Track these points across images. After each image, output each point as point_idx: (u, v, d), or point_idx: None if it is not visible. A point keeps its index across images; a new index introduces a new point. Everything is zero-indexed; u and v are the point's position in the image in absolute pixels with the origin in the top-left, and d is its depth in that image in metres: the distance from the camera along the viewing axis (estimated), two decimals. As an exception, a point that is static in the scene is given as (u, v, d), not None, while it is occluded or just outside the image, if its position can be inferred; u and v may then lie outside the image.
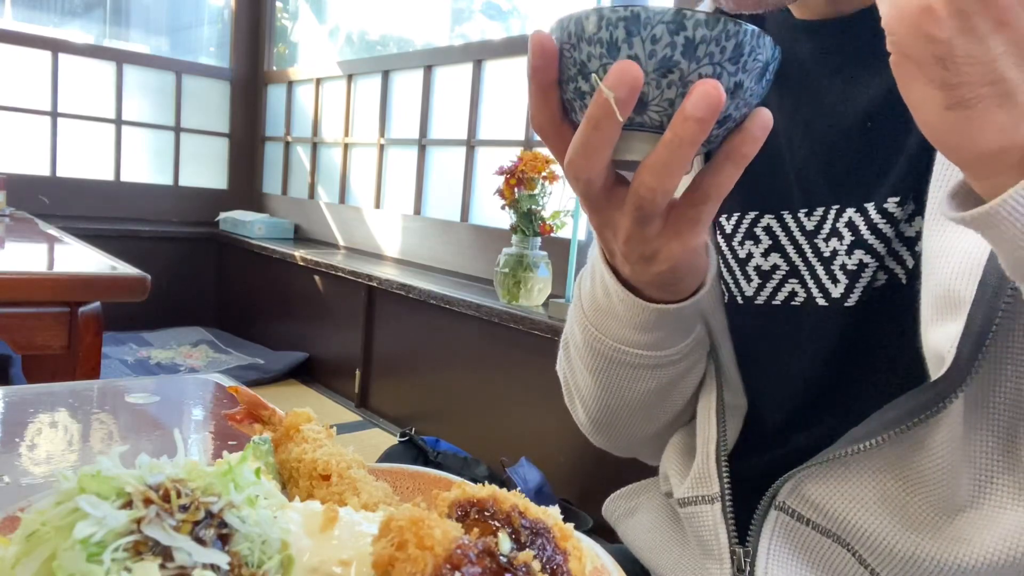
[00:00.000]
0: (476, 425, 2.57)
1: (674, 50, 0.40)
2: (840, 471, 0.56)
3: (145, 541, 0.31)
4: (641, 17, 0.40)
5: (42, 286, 1.43)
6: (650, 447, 0.74)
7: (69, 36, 3.98)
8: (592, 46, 0.41)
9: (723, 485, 0.62)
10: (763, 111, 0.44)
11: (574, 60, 0.43)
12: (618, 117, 0.41)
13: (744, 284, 0.64)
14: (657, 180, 0.43)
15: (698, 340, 0.63)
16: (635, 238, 0.49)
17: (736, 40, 0.40)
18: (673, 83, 0.41)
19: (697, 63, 0.40)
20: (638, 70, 0.40)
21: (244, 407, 0.57)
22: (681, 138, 0.41)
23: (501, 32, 3.09)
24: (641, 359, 0.60)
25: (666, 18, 0.39)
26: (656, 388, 0.63)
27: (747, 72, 0.41)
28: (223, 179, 4.50)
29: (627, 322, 0.58)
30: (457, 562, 0.32)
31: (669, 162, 0.42)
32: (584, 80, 0.43)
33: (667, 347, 0.60)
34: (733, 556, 0.61)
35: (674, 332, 0.59)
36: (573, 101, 0.45)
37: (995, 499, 0.50)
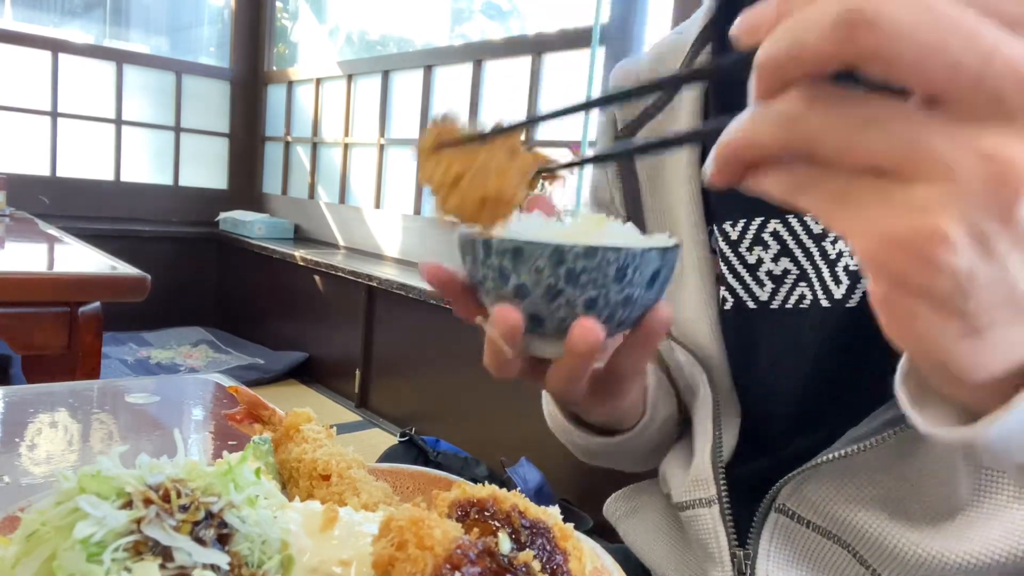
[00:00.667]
0: (476, 425, 2.57)
1: (558, 280, 0.42)
2: (840, 472, 0.55)
3: (145, 541, 0.31)
4: (524, 252, 0.42)
5: (42, 286, 1.43)
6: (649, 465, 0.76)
7: (69, 36, 3.98)
8: (486, 269, 0.44)
9: (720, 488, 0.62)
10: (659, 311, 0.47)
11: (475, 277, 0.46)
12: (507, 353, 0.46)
13: (757, 289, 0.64)
14: (563, 384, 0.48)
15: (662, 425, 0.67)
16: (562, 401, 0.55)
17: (617, 265, 0.42)
18: (561, 306, 0.43)
19: (582, 289, 0.43)
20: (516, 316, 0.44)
21: (244, 407, 0.57)
22: (570, 365, 0.45)
23: (501, 32, 3.09)
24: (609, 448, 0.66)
25: (547, 252, 0.42)
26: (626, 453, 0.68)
27: (634, 286, 0.44)
28: (223, 179, 4.50)
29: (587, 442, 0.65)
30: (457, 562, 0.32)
31: (568, 375, 0.47)
32: (484, 294, 0.46)
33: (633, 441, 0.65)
34: (733, 559, 0.61)
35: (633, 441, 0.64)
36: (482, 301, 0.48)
37: (996, 497, 0.50)
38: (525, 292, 0.43)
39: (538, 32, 2.73)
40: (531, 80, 2.72)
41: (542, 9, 2.98)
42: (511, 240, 0.42)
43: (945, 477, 0.51)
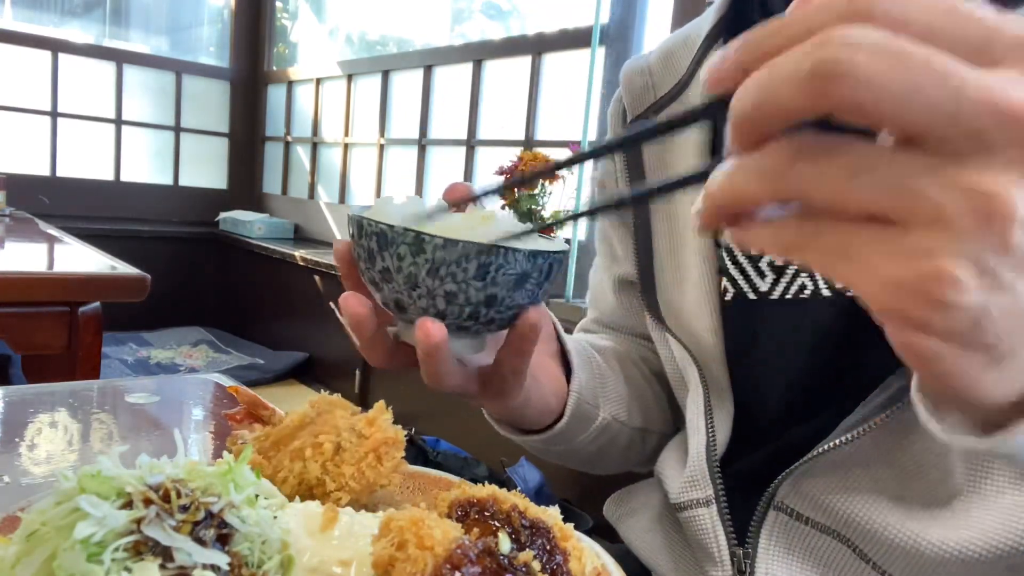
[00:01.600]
0: (476, 425, 2.56)
1: (418, 269, 0.42)
2: (836, 464, 0.56)
3: (145, 541, 0.31)
4: (387, 236, 0.42)
5: (42, 286, 1.43)
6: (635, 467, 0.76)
7: (69, 36, 3.98)
8: (359, 248, 0.45)
9: (717, 487, 0.62)
10: (530, 313, 0.47)
11: (355, 256, 0.47)
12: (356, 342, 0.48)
13: (758, 280, 0.64)
14: (430, 379, 0.48)
15: (602, 428, 0.67)
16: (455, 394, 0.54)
17: (478, 261, 0.42)
18: (422, 295, 0.43)
19: (440, 281, 0.43)
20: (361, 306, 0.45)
21: (244, 407, 0.57)
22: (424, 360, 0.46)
23: (501, 32, 3.09)
24: (550, 452, 0.66)
25: (408, 239, 0.42)
26: (583, 457, 0.69)
27: (497, 285, 0.44)
28: (223, 179, 4.50)
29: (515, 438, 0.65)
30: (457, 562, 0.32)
31: (428, 371, 0.47)
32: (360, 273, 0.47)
33: (563, 444, 0.65)
34: (733, 558, 0.61)
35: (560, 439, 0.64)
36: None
37: (992, 482, 0.50)
38: (388, 277, 0.44)
39: (538, 32, 2.73)
40: (531, 80, 2.72)
41: (542, 9, 2.98)
42: (378, 223, 0.43)
43: (939, 462, 0.51)
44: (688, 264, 0.67)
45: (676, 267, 0.68)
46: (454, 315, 0.45)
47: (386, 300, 0.46)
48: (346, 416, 0.48)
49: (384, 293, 0.45)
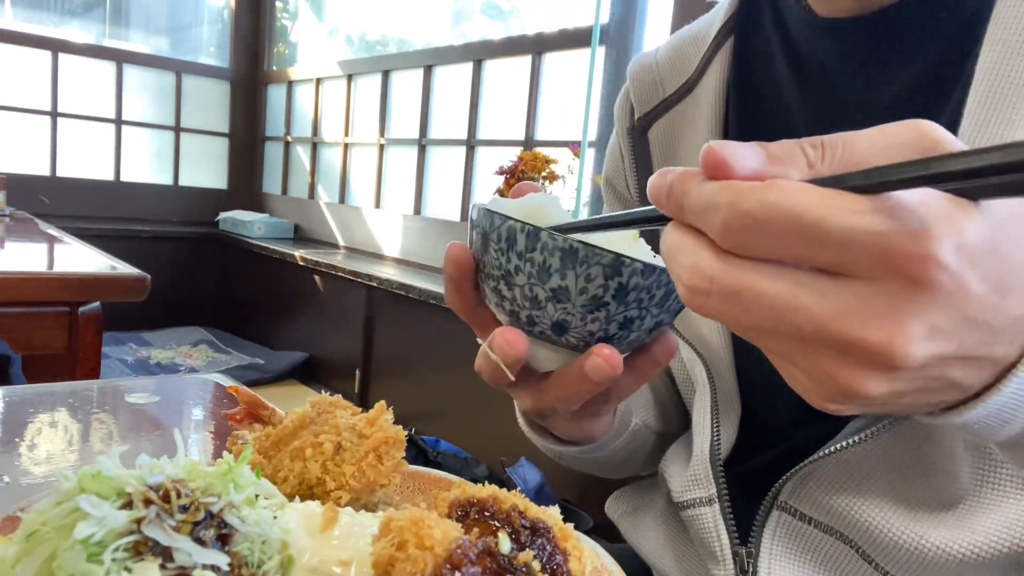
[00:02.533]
0: (476, 425, 2.57)
1: (606, 292, 0.40)
2: (841, 466, 0.56)
3: (145, 541, 0.31)
4: (580, 254, 0.39)
5: (42, 286, 1.43)
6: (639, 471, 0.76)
7: (69, 36, 3.98)
8: (522, 261, 0.41)
9: (719, 486, 0.62)
10: (669, 339, 0.46)
11: (500, 264, 0.42)
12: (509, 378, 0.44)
13: None
14: (559, 404, 0.47)
15: (634, 433, 0.67)
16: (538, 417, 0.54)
17: (667, 289, 0.41)
18: (598, 319, 0.41)
19: (626, 307, 0.41)
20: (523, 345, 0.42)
21: (244, 407, 0.57)
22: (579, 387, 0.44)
23: (501, 32, 3.09)
24: (579, 459, 0.65)
25: (604, 260, 0.39)
26: (605, 464, 0.68)
27: (668, 312, 0.42)
28: (223, 179, 4.50)
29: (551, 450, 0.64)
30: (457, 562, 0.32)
31: (568, 397, 0.46)
32: (507, 287, 0.42)
33: (596, 452, 0.64)
34: (736, 558, 0.60)
35: (597, 449, 0.63)
36: (491, 295, 0.45)
37: (998, 487, 0.50)
38: (564, 297, 0.40)
39: (538, 32, 2.73)
40: (531, 80, 2.72)
41: (542, 9, 2.98)
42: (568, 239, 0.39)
43: (945, 466, 0.51)
44: None
45: None
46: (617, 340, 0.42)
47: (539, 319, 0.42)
48: (346, 416, 0.48)
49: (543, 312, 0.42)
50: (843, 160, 0.30)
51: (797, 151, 0.30)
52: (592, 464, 0.68)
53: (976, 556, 0.50)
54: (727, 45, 0.66)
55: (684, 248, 0.31)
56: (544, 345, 0.44)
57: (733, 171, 0.30)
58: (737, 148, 0.30)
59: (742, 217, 0.29)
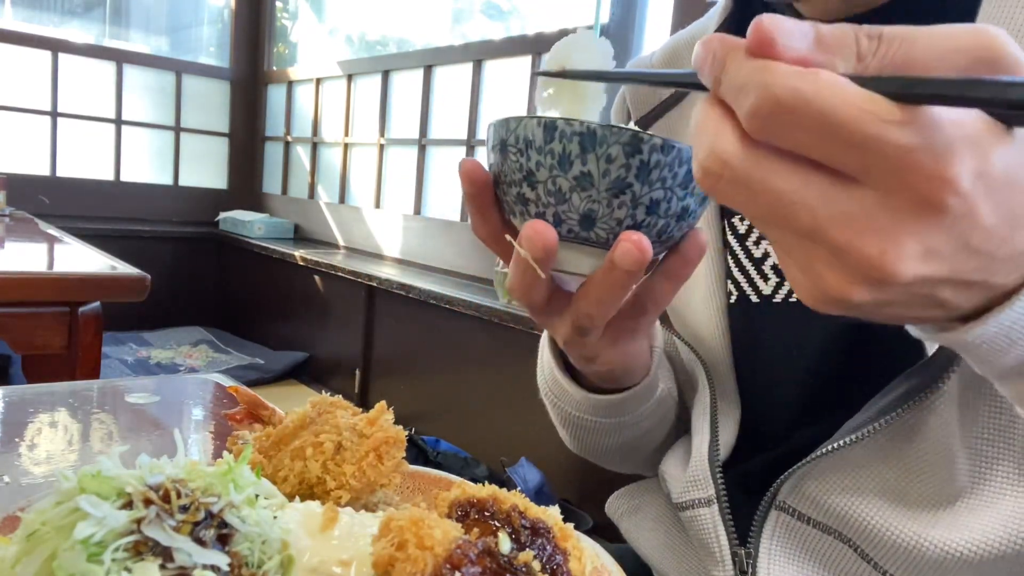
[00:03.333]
0: (476, 425, 2.57)
1: (628, 172, 0.39)
2: (839, 465, 0.56)
3: (145, 541, 0.31)
4: (598, 135, 0.39)
5: (42, 286, 1.43)
6: (644, 468, 0.76)
7: (69, 36, 3.98)
8: (542, 156, 0.40)
9: (718, 487, 0.62)
10: (700, 235, 0.45)
11: (520, 166, 0.42)
12: (539, 274, 0.43)
13: (761, 283, 0.64)
14: (594, 309, 0.46)
15: (659, 401, 0.65)
16: (574, 344, 0.52)
17: (688, 167, 0.40)
18: (624, 204, 0.40)
19: (650, 186, 0.40)
20: (551, 234, 0.41)
21: (244, 407, 0.57)
22: (611, 282, 0.43)
23: (501, 32, 3.09)
24: (600, 426, 0.64)
25: (623, 139, 0.38)
26: (626, 441, 0.67)
27: (694, 196, 0.41)
28: (223, 179, 4.49)
29: (576, 402, 0.62)
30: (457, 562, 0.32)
31: (603, 298, 0.44)
32: (530, 188, 0.42)
33: (624, 415, 0.63)
34: (735, 558, 0.60)
35: (626, 408, 0.62)
36: (515, 205, 0.44)
37: (994, 484, 0.50)
38: (588, 183, 0.40)
39: (538, 32, 2.73)
40: (531, 80, 2.72)
41: (542, 9, 2.98)
42: (584, 122, 0.39)
43: (942, 464, 0.51)
44: None
45: None
46: (647, 228, 0.41)
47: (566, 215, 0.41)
48: (347, 416, 0.48)
49: (569, 204, 0.41)
50: (897, 57, 0.29)
51: (850, 40, 0.29)
52: (614, 434, 0.65)
53: (974, 554, 0.50)
54: None
55: (709, 126, 0.31)
56: (574, 247, 0.43)
57: (777, 51, 0.29)
58: (788, 27, 0.29)
59: (772, 104, 0.28)
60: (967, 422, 0.50)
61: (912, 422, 0.52)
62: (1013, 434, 0.50)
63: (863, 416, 0.53)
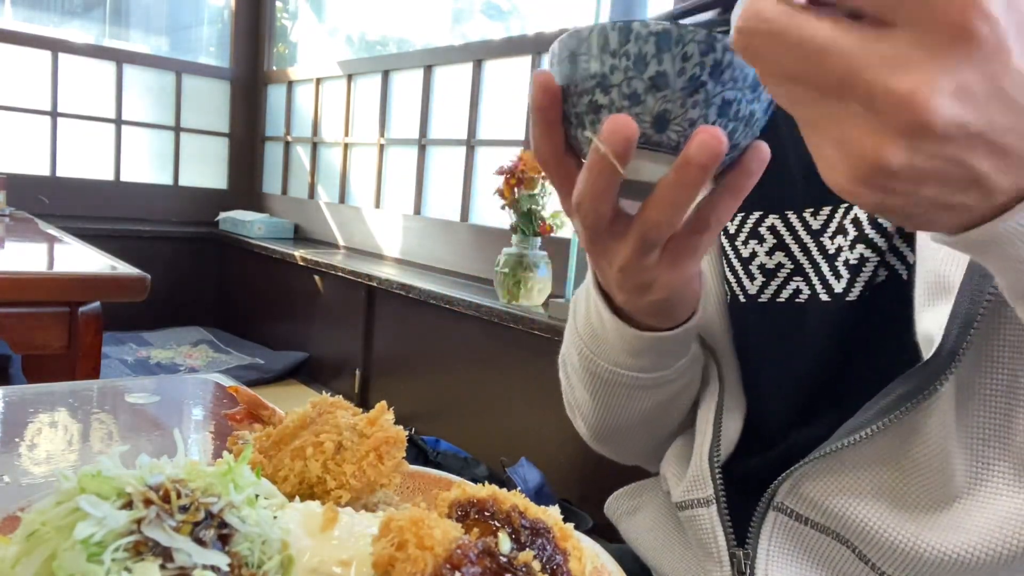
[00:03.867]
0: (476, 425, 2.57)
1: (703, 70, 0.40)
2: (836, 466, 0.56)
3: (145, 541, 0.31)
4: (673, 34, 0.40)
5: (42, 286, 1.43)
6: (651, 456, 0.75)
7: (69, 36, 3.98)
8: (617, 59, 0.41)
9: (717, 487, 0.62)
10: (762, 145, 0.44)
11: (593, 73, 0.42)
12: (619, 171, 0.42)
13: (747, 282, 0.64)
14: (663, 215, 0.44)
15: (694, 358, 0.63)
16: (632, 267, 0.49)
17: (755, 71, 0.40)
18: (698, 103, 0.41)
19: (723, 86, 0.40)
20: (633, 126, 0.40)
21: (244, 407, 0.57)
22: (684, 181, 0.41)
23: (501, 32, 3.09)
24: (637, 381, 0.61)
25: (698, 37, 0.39)
26: (653, 406, 0.64)
27: (760, 102, 0.42)
28: (223, 179, 4.50)
29: (621, 348, 0.59)
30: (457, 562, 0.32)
31: (675, 200, 0.43)
32: (603, 93, 0.42)
33: (662, 368, 0.61)
34: (733, 559, 0.61)
35: (669, 355, 0.60)
36: (585, 116, 0.44)
37: (991, 485, 0.50)
38: (663, 83, 0.40)
39: (538, 32, 2.73)
40: (531, 80, 2.72)
41: (542, 9, 2.98)
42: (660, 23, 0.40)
43: (940, 465, 0.51)
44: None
45: None
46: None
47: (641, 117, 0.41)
48: (347, 416, 0.48)
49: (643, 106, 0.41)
50: None
51: None
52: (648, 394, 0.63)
53: (971, 555, 0.50)
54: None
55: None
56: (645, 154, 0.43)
57: None
58: None
59: None
60: (964, 424, 0.50)
61: (910, 424, 0.52)
62: (1010, 436, 0.50)
63: (861, 418, 0.53)
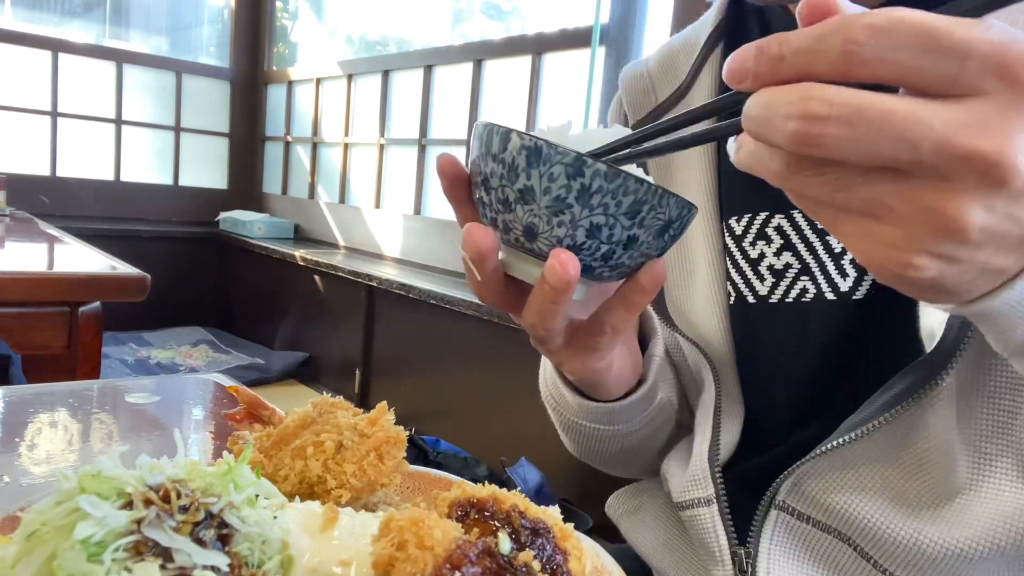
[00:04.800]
0: (476, 425, 2.57)
1: (568, 192, 0.39)
2: (838, 463, 0.56)
3: (145, 541, 0.31)
4: (543, 152, 0.39)
5: (42, 286, 1.43)
6: (645, 473, 0.76)
7: (69, 36, 3.98)
8: (496, 164, 0.42)
9: (718, 486, 0.62)
10: (656, 265, 0.45)
11: (479, 170, 0.43)
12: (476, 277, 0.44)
13: (757, 284, 0.64)
14: (535, 319, 0.46)
15: (660, 407, 0.65)
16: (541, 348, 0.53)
17: (635, 197, 0.40)
18: (563, 223, 0.40)
19: (590, 210, 0.40)
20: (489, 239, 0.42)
21: (244, 407, 0.57)
22: (544, 297, 0.44)
23: (501, 32, 3.09)
24: (599, 432, 0.64)
25: (566, 160, 0.39)
26: (623, 448, 0.67)
27: (644, 228, 0.41)
28: (223, 179, 4.50)
29: (577, 411, 0.63)
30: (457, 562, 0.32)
31: (541, 309, 0.45)
32: (485, 192, 0.43)
33: (624, 422, 0.63)
34: (735, 558, 0.61)
35: (623, 413, 0.62)
36: (476, 206, 0.46)
37: (993, 481, 0.50)
38: (530, 197, 0.40)
39: (538, 32, 2.73)
40: (531, 80, 2.72)
41: (542, 9, 2.98)
42: (533, 137, 0.40)
43: (941, 461, 0.52)
44: (696, 263, 0.67)
45: (683, 265, 0.68)
46: (588, 251, 0.42)
47: (512, 224, 0.43)
48: (348, 416, 0.48)
49: (514, 215, 0.42)
50: None
51: None
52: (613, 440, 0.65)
53: (973, 551, 0.50)
54: (717, 52, 0.67)
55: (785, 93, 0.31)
56: (521, 256, 0.45)
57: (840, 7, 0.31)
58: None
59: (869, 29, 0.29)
60: (966, 420, 0.51)
61: (911, 419, 0.52)
62: (1012, 431, 0.50)
63: (862, 414, 0.53)
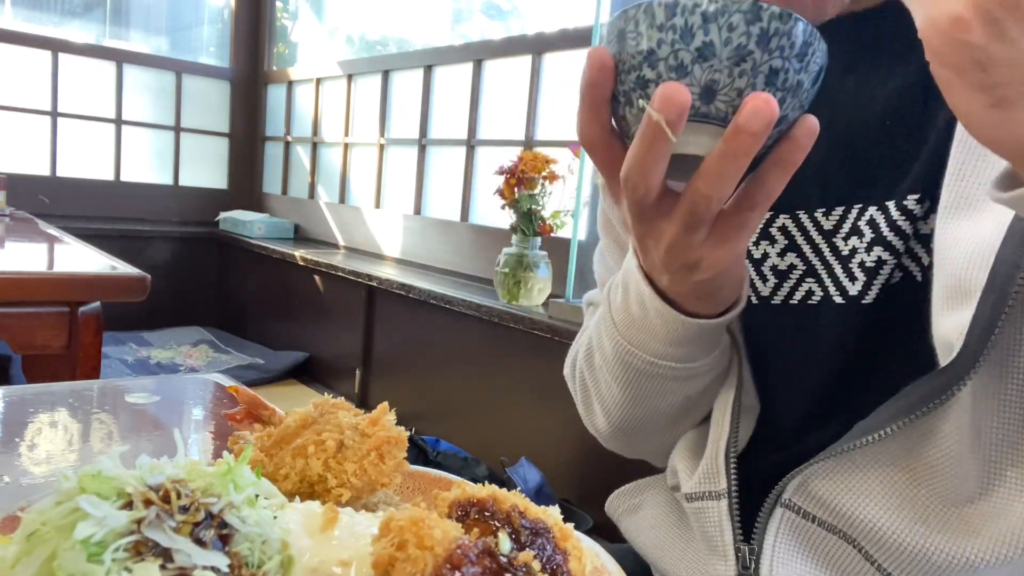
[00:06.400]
0: (476, 425, 2.57)
1: (749, 39, 0.41)
2: (847, 466, 0.55)
3: (145, 541, 0.31)
4: (719, 4, 0.41)
5: (42, 286, 1.43)
6: (664, 453, 0.75)
7: (69, 36, 3.98)
8: (664, 33, 0.42)
9: (731, 482, 0.62)
10: (811, 118, 0.44)
11: (640, 49, 0.43)
12: (670, 138, 0.41)
13: (760, 284, 0.64)
14: (712, 188, 0.43)
15: (723, 350, 0.63)
16: (680, 245, 0.48)
17: (804, 38, 0.41)
18: (744, 72, 0.41)
19: (769, 54, 0.41)
20: (685, 92, 0.40)
21: (244, 407, 0.57)
22: (735, 150, 0.41)
23: (501, 32, 3.09)
24: (674, 372, 0.60)
25: (744, 7, 0.40)
26: (684, 399, 0.64)
27: (807, 72, 0.42)
28: (223, 179, 4.50)
29: (662, 336, 0.58)
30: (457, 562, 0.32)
31: (724, 172, 0.42)
32: (650, 68, 0.42)
33: (698, 359, 0.60)
34: (738, 553, 0.60)
35: (706, 344, 0.59)
36: (633, 92, 0.44)
37: (1004, 491, 0.50)
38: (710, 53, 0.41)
39: (538, 32, 2.73)
40: (531, 80, 2.72)
41: (542, 9, 2.98)
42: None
43: (952, 469, 0.51)
44: None
45: None
46: None
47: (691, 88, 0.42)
48: (349, 416, 0.48)
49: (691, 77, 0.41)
50: None
51: None
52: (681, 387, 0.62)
53: (979, 560, 0.50)
54: None
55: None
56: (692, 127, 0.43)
57: None
58: None
59: None
60: (979, 430, 0.50)
61: (925, 427, 0.51)
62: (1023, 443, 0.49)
63: (876, 419, 0.53)
